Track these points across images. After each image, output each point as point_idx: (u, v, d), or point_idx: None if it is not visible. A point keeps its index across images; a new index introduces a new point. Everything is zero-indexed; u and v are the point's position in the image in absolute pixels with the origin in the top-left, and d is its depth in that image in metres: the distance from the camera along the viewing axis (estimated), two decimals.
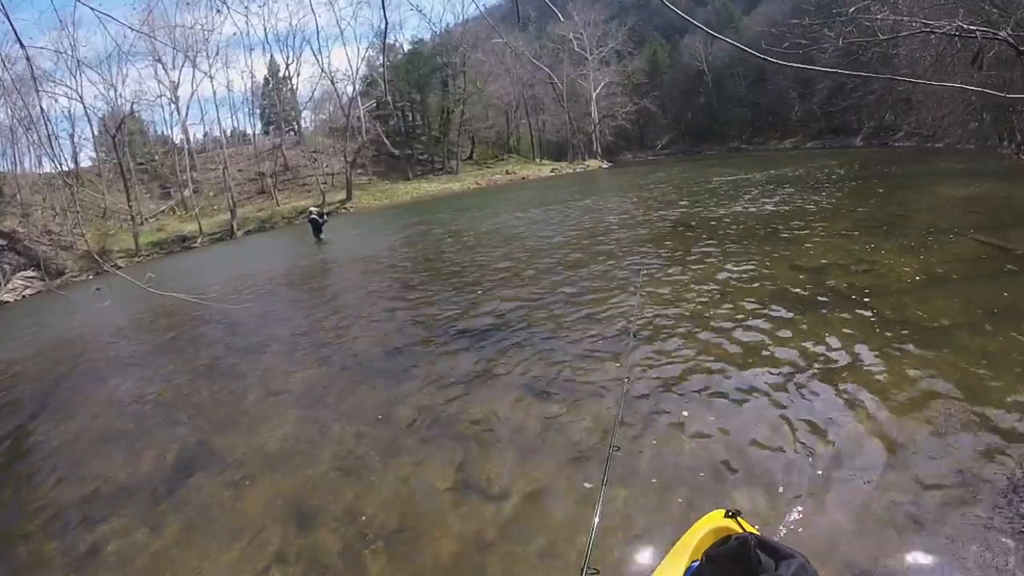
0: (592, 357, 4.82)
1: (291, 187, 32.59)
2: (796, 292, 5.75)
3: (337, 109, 34.89)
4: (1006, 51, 9.95)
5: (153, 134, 34.78)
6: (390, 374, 5.21)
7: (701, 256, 7.82)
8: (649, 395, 4.01)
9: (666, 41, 45.46)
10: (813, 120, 34.12)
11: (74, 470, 4.39)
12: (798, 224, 9.23)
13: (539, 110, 43.60)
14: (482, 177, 34.46)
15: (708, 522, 1.82)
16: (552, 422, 3.86)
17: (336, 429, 4.29)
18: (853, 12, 9.23)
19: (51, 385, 6.95)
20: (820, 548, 2.42)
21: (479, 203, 22.34)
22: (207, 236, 24.48)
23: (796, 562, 1.11)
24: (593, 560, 1.73)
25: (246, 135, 37.67)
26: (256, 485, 3.69)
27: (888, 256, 6.61)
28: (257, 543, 3.09)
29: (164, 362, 6.99)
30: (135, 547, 3.26)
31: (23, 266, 19.48)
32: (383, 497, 3.33)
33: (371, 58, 35.86)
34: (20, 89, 17.73)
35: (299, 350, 6.41)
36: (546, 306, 6.53)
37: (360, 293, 9.10)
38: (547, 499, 3.07)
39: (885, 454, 3.01)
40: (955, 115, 19.06)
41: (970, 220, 8.05)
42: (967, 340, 4.18)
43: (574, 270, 8.08)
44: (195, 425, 4.82)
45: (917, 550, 2.37)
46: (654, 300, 6.05)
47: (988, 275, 5.57)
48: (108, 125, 28.35)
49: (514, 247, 10.81)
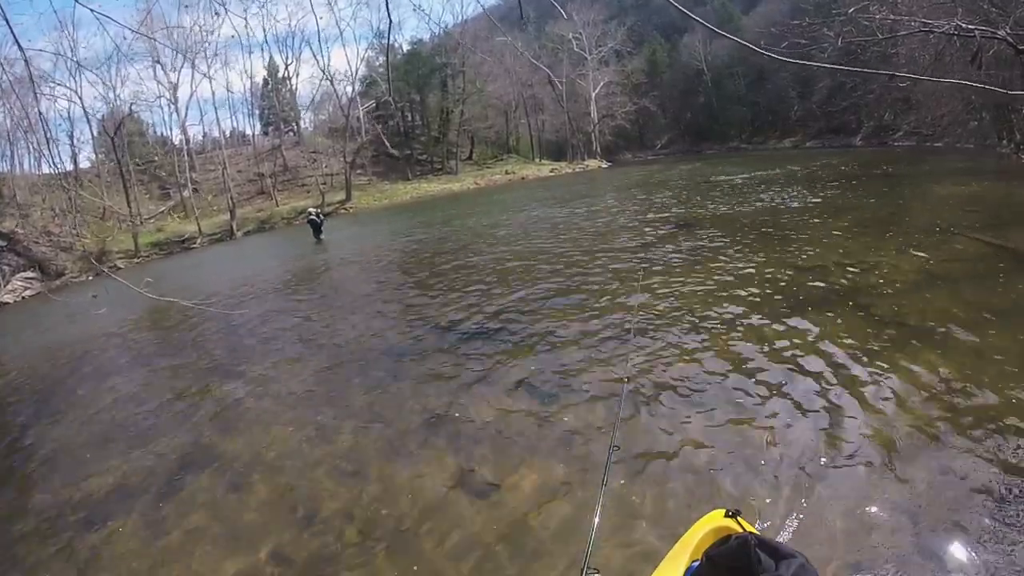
0: (592, 357, 4.82)
1: (290, 188, 32.61)
2: (795, 291, 5.75)
3: (336, 110, 34.92)
4: (1005, 50, 9.96)
5: (152, 135, 34.82)
6: (390, 374, 5.21)
7: (701, 255, 7.82)
8: (649, 394, 4.01)
9: (665, 41, 45.50)
10: (812, 119, 34.16)
11: (74, 470, 4.39)
12: (797, 223, 9.23)
13: (538, 110, 43.62)
14: (481, 177, 34.47)
15: (708, 522, 1.82)
16: (552, 422, 3.86)
17: (336, 429, 4.29)
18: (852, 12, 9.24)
19: (51, 386, 6.95)
20: (820, 548, 2.42)
21: (478, 203, 22.34)
22: (206, 237, 24.49)
23: (796, 562, 1.11)
24: (593, 560, 1.73)
25: (245, 136, 37.76)
26: (256, 485, 3.69)
27: (888, 255, 6.61)
28: (257, 543, 3.09)
29: (164, 363, 6.98)
30: (135, 548, 3.26)
31: (23, 267, 19.47)
32: (383, 497, 3.32)
33: (370, 58, 35.98)
34: (18, 91, 17.72)
35: (299, 351, 6.41)
36: (546, 306, 6.53)
37: (360, 293, 9.10)
38: (547, 499, 3.07)
39: (885, 454, 3.01)
40: (954, 114, 19.08)
41: (969, 219, 8.05)
42: (966, 339, 4.18)
43: (574, 270, 8.08)
44: (195, 426, 4.82)
45: (917, 550, 2.37)
46: (654, 299, 6.05)
47: (987, 274, 5.57)
48: (107, 126, 28.37)
49: (513, 247, 10.81)
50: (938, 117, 20.18)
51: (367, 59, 36.03)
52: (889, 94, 24.99)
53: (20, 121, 23.15)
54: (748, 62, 37.99)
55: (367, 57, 36.21)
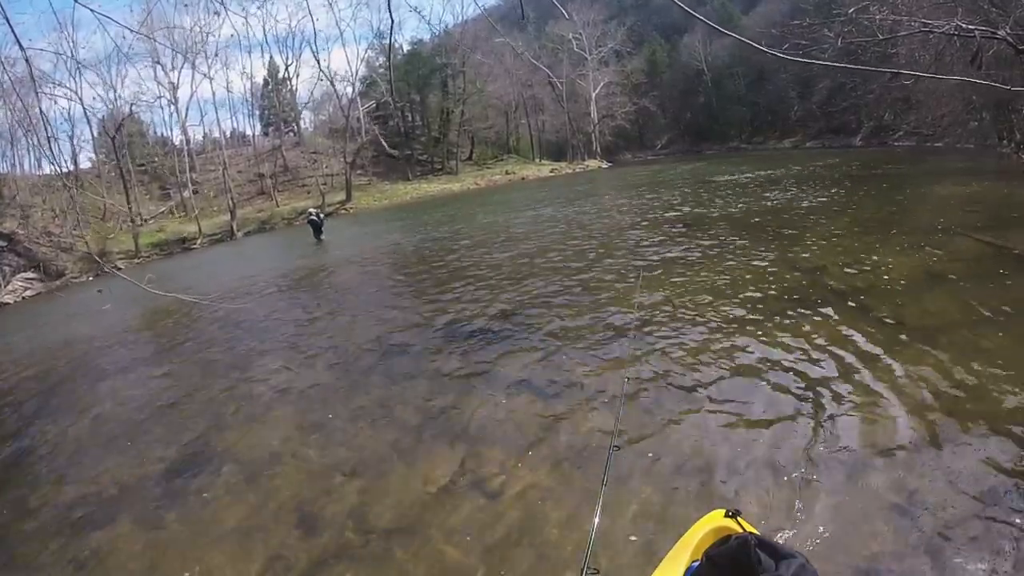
0: (592, 356, 4.83)
1: (291, 188, 32.61)
2: (795, 291, 5.75)
3: (337, 110, 34.91)
4: (1005, 50, 9.96)
5: (152, 135, 34.80)
6: (390, 374, 5.22)
7: (701, 255, 7.82)
8: (649, 394, 4.01)
9: (665, 41, 45.49)
10: (812, 120, 34.14)
11: (75, 471, 4.39)
12: (798, 223, 9.24)
13: (539, 110, 43.61)
14: (482, 177, 34.47)
15: (708, 522, 1.82)
16: (552, 422, 3.86)
17: (337, 429, 4.29)
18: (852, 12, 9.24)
19: (52, 386, 6.95)
20: (820, 548, 2.42)
21: (479, 203, 22.34)
22: (207, 237, 24.48)
23: (796, 562, 1.11)
24: (593, 560, 1.73)
25: (245, 136, 37.75)
26: (257, 486, 3.69)
27: (888, 255, 6.61)
28: (258, 543, 3.09)
29: (164, 363, 6.99)
30: (136, 548, 3.26)
31: (23, 267, 19.49)
32: (383, 497, 3.33)
33: (370, 59, 35.98)
34: (19, 91, 17.74)
35: (299, 351, 6.41)
36: (546, 305, 6.53)
37: (360, 293, 9.10)
38: (547, 499, 3.07)
39: (885, 454, 3.01)
40: (954, 114, 19.05)
41: (970, 219, 8.05)
42: (967, 339, 4.18)
43: (573, 269, 8.09)
44: (195, 426, 4.82)
45: (917, 550, 2.37)
46: (655, 299, 6.05)
47: (988, 274, 5.56)
48: (107, 126, 28.37)
49: (514, 247, 10.81)
50: (938, 117, 20.16)
51: (367, 59, 36.10)
52: (889, 94, 24.98)
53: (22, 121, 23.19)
54: (748, 62, 37.98)
55: (367, 57, 36.27)
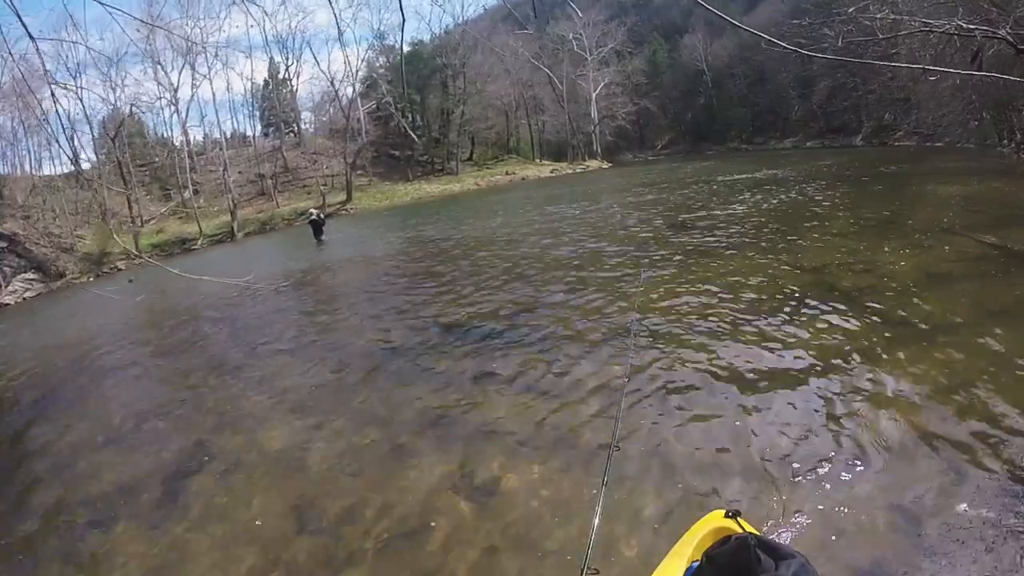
0: (592, 357, 4.82)
1: (291, 189, 32.59)
2: (796, 291, 5.74)
3: (337, 111, 34.92)
4: (1005, 50, 9.95)
5: (153, 136, 34.79)
6: (390, 375, 5.21)
7: (701, 255, 7.82)
8: (649, 395, 4.01)
9: (665, 41, 45.53)
10: (813, 120, 34.18)
11: (75, 471, 4.39)
12: (798, 223, 9.23)
13: (539, 110, 43.59)
14: (482, 178, 34.46)
15: (708, 522, 1.82)
16: (552, 422, 3.86)
17: (337, 429, 4.29)
18: (852, 12, 9.24)
19: (53, 386, 6.95)
20: (820, 548, 2.42)
21: (479, 204, 22.35)
22: (207, 238, 24.49)
23: (796, 562, 1.11)
24: (593, 560, 1.73)
25: (246, 137, 37.70)
26: (258, 486, 3.69)
27: (888, 255, 6.61)
28: (258, 544, 3.09)
29: (166, 363, 7.00)
30: (137, 548, 3.26)
31: (24, 268, 19.50)
32: (384, 498, 3.32)
33: (371, 59, 35.98)
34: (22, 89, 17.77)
35: (301, 351, 6.41)
36: (546, 306, 6.53)
37: (361, 294, 9.10)
38: (547, 499, 3.07)
39: (885, 453, 3.01)
40: (955, 114, 19.06)
41: (970, 219, 8.05)
42: (967, 339, 4.18)
43: (574, 270, 8.08)
44: (197, 426, 4.82)
45: (917, 550, 2.37)
46: (654, 300, 6.05)
47: (988, 274, 5.57)
48: (108, 127, 28.38)
49: (514, 247, 10.81)
50: (939, 117, 20.17)
51: (368, 60, 36.10)
52: (889, 94, 25.00)
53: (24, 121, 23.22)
54: (748, 63, 38.04)
55: (367, 58, 36.26)
